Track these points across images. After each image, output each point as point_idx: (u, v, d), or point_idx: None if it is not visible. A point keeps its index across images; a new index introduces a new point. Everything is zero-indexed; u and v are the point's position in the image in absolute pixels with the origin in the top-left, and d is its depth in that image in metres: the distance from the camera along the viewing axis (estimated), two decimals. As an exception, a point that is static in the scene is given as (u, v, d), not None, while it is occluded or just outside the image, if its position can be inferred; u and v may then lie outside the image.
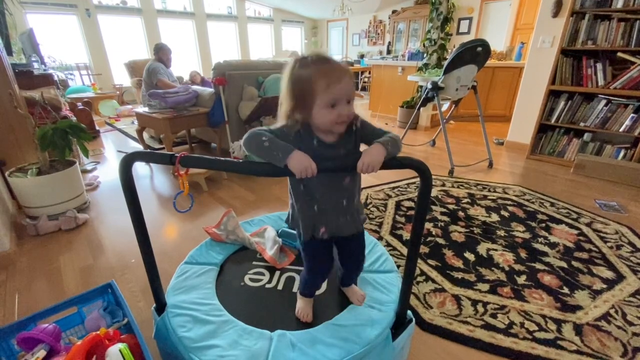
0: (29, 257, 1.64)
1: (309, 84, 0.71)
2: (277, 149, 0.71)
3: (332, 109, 0.72)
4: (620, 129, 2.57)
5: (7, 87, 2.01)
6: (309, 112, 0.74)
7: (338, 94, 0.71)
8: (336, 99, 0.72)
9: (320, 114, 0.73)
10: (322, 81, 0.70)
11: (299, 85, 0.73)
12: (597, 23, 2.56)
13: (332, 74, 0.71)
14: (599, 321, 1.20)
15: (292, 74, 0.74)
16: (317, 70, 0.71)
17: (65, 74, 5.67)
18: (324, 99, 0.72)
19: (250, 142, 0.74)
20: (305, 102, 0.73)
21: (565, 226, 1.88)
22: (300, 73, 0.73)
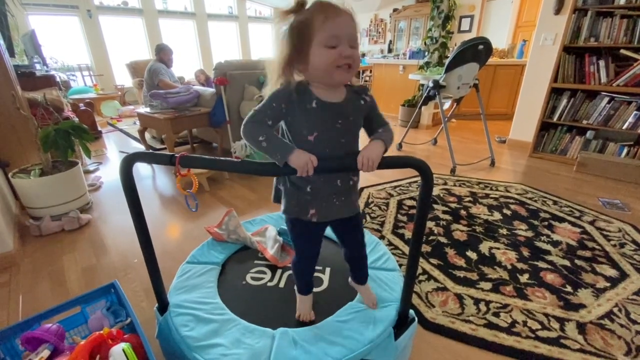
0: (32, 258, 1.65)
1: (304, 22, 0.66)
2: (275, 150, 0.70)
3: (332, 49, 0.66)
4: (623, 126, 2.56)
5: (9, 89, 2.01)
6: (306, 57, 0.68)
7: (337, 29, 0.65)
8: (336, 36, 0.65)
9: (318, 56, 0.67)
10: (319, 15, 0.65)
11: (294, 29, 0.67)
12: (600, 20, 2.54)
13: (330, 8, 0.66)
14: (603, 320, 1.20)
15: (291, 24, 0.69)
16: (314, 7, 0.66)
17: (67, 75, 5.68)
18: (321, 36, 0.65)
19: (247, 138, 0.73)
20: (301, 45, 0.67)
21: (568, 224, 1.87)
22: (298, 18, 0.68)
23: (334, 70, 0.68)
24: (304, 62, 0.69)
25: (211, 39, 7.93)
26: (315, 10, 0.66)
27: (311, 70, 0.70)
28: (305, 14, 0.67)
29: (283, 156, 0.69)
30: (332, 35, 0.65)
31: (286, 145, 0.71)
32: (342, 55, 0.66)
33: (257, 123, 0.72)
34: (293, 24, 0.68)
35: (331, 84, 0.73)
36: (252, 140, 0.72)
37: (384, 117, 0.82)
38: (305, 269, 1.00)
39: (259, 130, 0.71)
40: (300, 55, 0.69)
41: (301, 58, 0.69)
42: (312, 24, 0.66)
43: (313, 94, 0.72)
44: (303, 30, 0.67)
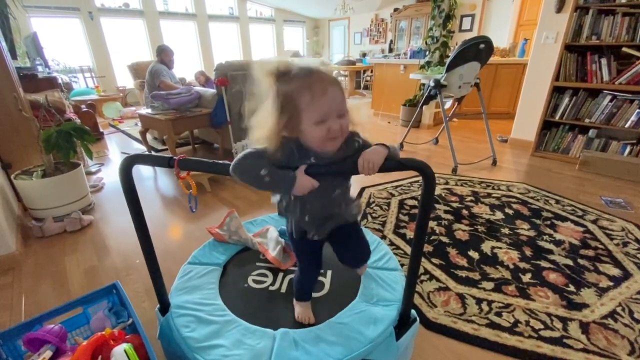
0: (34, 259, 1.65)
1: (291, 99, 0.66)
2: (279, 185, 0.70)
3: (321, 125, 0.66)
4: (626, 124, 2.54)
5: (11, 91, 2.02)
6: (298, 131, 0.69)
7: (325, 107, 0.66)
8: (324, 114, 0.66)
9: (308, 132, 0.68)
10: (306, 94, 0.65)
11: (283, 102, 0.67)
12: (601, 18, 2.53)
13: (316, 86, 0.65)
14: (606, 319, 1.19)
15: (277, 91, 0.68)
16: (300, 83, 0.66)
17: (69, 76, 5.70)
18: (310, 116, 0.66)
19: (245, 174, 0.70)
20: (291, 121, 0.68)
21: (570, 223, 1.86)
22: (283, 89, 0.67)
23: (325, 142, 0.69)
24: (296, 132, 0.70)
25: (212, 39, 7.95)
26: (301, 87, 0.65)
27: (304, 140, 0.71)
28: (291, 86, 0.66)
29: (288, 187, 0.70)
30: (320, 115, 0.66)
31: (287, 176, 0.70)
32: (331, 130, 0.67)
33: (255, 157, 0.69)
34: (280, 96, 0.67)
35: (322, 152, 0.73)
36: (251, 175, 0.69)
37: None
38: (307, 281, 1.03)
39: (259, 164, 0.68)
40: (291, 127, 0.69)
41: (293, 130, 0.69)
42: (299, 103, 0.66)
43: (310, 150, 0.72)
44: (290, 107, 0.67)
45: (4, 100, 1.99)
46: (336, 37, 9.81)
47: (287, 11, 9.19)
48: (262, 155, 0.70)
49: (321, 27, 10.08)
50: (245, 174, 0.70)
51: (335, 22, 9.57)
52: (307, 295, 1.04)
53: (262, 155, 0.70)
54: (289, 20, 9.41)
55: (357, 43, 9.21)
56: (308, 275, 1.02)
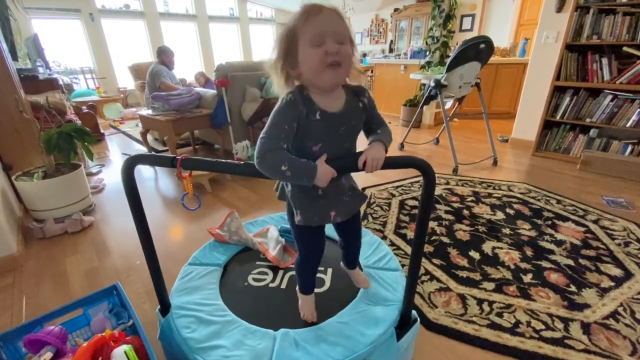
0: (36, 260, 1.66)
1: (289, 26, 0.67)
2: (301, 177, 0.69)
3: (317, 48, 0.65)
4: (627, 124, 2.53)
5: (12, 92, 2.03)
6: (295, 60, 0.68)
7: (320, 26, 0.64)
8: (319, 34, 0.64)
9: (306, 59, 0.66)
10: (302, 16, 0.65)
11: (282, 34, 0.68)
12: (602, 17, 2.52)
13: (311, 8, 0.65)
14: (607, 319, 1.19)
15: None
16: (298, 11, 0.67)
17: (70, 78, 5.72)
18: (305, 36, 0.65)
19: (268, 170, 0.70)
20: (289, 48, 0.67)
21: (572, 223, 1.86)
22: (284, 25, 0.69)
23: (323, 70, 0.66)
24: (295, 65, 0.69)
25: (212, 40, 7.96)
26: (299, 12, 0.67)
27: (303, 74, 0.69)
28: (289, 19, 0.68)
29: (309, 180, 0.69)
30: (315, 34, 0.64)
31: (308, 168, 0.69)
32: (328, 53, 0.64)
33: (274, 152, 0.69)
34: (281, 30, 0.69)
35: (324, 87, 0.71)
36: (273, 172, 0.69)
37: (382, 117, 0.83)
38: (310, 268, 1.00)
39: (279, 159, 0.68)
40: (290, 58, 0.68)
41: (291, 61, 0.69)
42: (296, 26, 0.66)
43: (315, 104, 0.71)
44: (289, 34, 0.67)
45: (4, 102, 2.00)
46: (336, 37, 9.80)
47: (288, 12, 9.18)
48: (278, 143, 0.69)
49: (321, 28, 10.07)
50: (268, 171, 0.70)
51: (335, 22, 9.56)
52: (311, 287, 1.01)
53: (277, 143, 0.69)
54: (289, 20, 9.41)
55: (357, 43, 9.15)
56: (310, 262, 0.97)
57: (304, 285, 1.02)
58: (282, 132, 0.69)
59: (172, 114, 2.87)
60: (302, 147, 0.74)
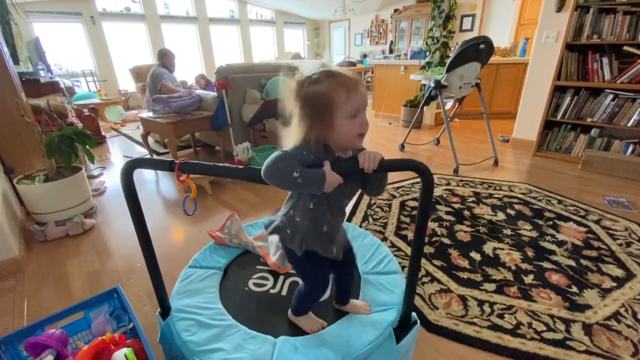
0: (37, 263, 1.66)
1: (327, 97, 0.69)
2: (311, 184, 0.69)
3: (354, 120, 0.70)
4: (628, 123, 2.53)
5: (14, 96, 2.04)
6: (329, 128, 0.71)
7: (359, 102, 0.70)
8: (358, 108, 0.70)
9: (343, 127, 0.70)
10: (342, 92, 0.68)
11: (315, 102, 0.70)
12: (602, 17, 2.52)
13: (349, 83, 0.69)
14: (609, 320, 1.18)
15: (302, 93, 0.71)
16: (333, 82, 0.69)
17: (72, 81, 5.75)
18: (346, 110, 0.69)
19: (277, 176, 0.70)
20: (324, 118, 0.70)
21: (573, 224, 1.85)
22: (315, 89, 0.70)
23: (356, 138, 0.73)
24: (327, 130, 0.71)
25: (213, 42, 7.99)
26: (335, 84, 0.69)
27: (334, 136, 0.72)
28: (322, 85, 0.69)
29: (319, 187, 0.70)
30: (354, 108, 0.70)
31: (317, 174, 0.70)
32: (363, 124, 0.71)
33: (287, 160, 0.70)
34: (311, 97, 0.70)
35: (349, 149, 0.76)
36: (283, 177, 0.70)
37: None
38: (316, 298, 1.00)
39: (291, 166, 0.69)
40: (324, 124, 0.71)
41: (325, 127, 0.71)
42: (335, 99, 0.68)
43: (333, 151, 0.75)
44: (324, 104, 0.69)
45: (6, 106, 2.01)
46: (337, 38, 9.83)
47: (288, 13, 9.21)
48: (292, 157, 0.71)
49: (322, 29, 10.10)
50: (277, 177, 0.71)
51: (335, 23, 9.58)
52: (308, 309, 1.01)
53: (291, 157, 0.71)
54: (290, 22, 9.43)
55: (357, 44, 9.22)
56: (317, 295, 0.98)
57: (302, 310, 1.00)
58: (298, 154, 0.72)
59: (173, 116, 2.88)
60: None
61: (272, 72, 3.13)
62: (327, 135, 0.72)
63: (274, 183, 0.71)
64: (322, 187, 0.70)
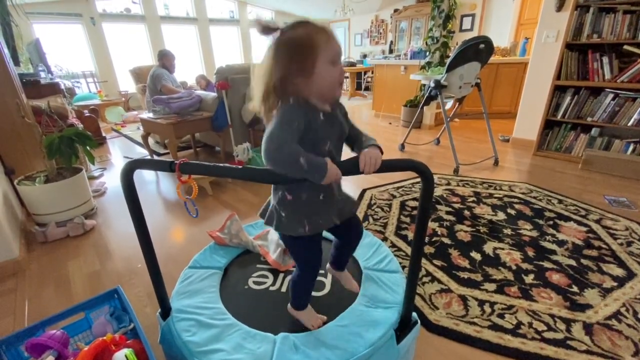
0: (38, 264, 1.66)
1: (308, 40, 0.68)
2: (313, 173, 0.68)
3: (335, 66, 0.70)
4: (628, 123, 2.52)
5: (14, 97, 2.04)
6: (311, 74, 0.69)
7: (337, 49, 0.71)
8: (337, 54, 0.71)
9: (325, 73, 0.69)
10: (323, 35, 0.68)
11: (295, 47, 0.68)
12: (602, 16, 2.52)
13: (326, 29, 0.70)
14: (610, 320, 1.18)
15: (282, 40, 0.68)
16: (310, 27, 0.69)
17: (72, 82, 5.76)
18: (328, 54, 0.69)
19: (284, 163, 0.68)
20: (305, 64, 0.68)
21: (573, 223, 1.85)
22: (293, 35, 0.68)
23: (337, 86, 0.73)
24: (306, 77, 0.69)
25: (213, 43, 7.99)
26: (315, 30, 0.69)
27: (314, 85, 0.70)
28: (302, 30, 0.69)
29: (321, 176, 0.68)
30: (335, 53, 0.70)
31: (320, 163, 0.68)
32: (341, 73, 0.72)
33: (290, 143, 0.67)
34: (289, 42, 0.68)
35: (330, 99, 0.75)
36: (289, 163, 0.67)
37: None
38: (310, 282, 0.98)
39: (296, 151, 0.66)
40: (304, 69, 0.69)
41: (305, 72, 0.69)
42: (317, 42, 0.68)
43: (317, 107, 0.73)
44: (306, 48, 0.68)
45: (6, 107, 2.02)
46: (337, 38, 9.82)
47: (288, 14, 9.22)
48: (293, 137, 0.68)
49: (322, 29, 10.09)
50: (284, 164, 0.68)
51: (335, 23, 9.58)
52: (307, 301, 1.00)
53: (292, 137, 0.68)
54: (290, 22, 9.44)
55: (357, 44, 9.22)
56: (310, 278, 0.96)
57: (301, 301, 0.99)
58: (294, 130, 0.69)
59: (173, 117, 2.88)
60: (316, 149, 0.73)
61: (272, 72, 3.13)
62: (306, 86, 0.70)
63: (279, 169, 0.69)
64: (324, 176, 0.68)
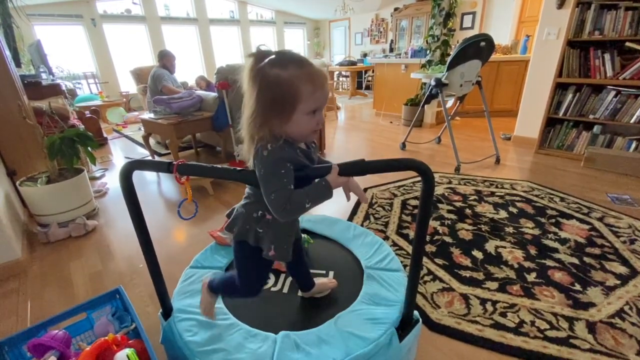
0: (40, 264, 1.67)
1: (291, 87, 0.64)
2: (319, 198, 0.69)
3: (312, 116, 0.68)
4: (631, 120, 2.51)
5: (16, 98, 2.05)
6: (288, 119, 0.67)
7: (322, 101, 0.68)
8: (319, 106, 0.68)
9: (300, 122, 0.67)
10: (309, 85, 0.64)
11: (277, 89, 0.64)
12: (604, 13, 2.50)
13: (319, 77, 0.66)
14: (613, 318, 1.17)
15: (264, 74, 0.64)
16: (301, 72, 0.64)
17: (73, 83, 5.77)
18: (308, 106, 0.66)
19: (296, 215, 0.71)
20: (284, 107, 0.66)
21: (576, 221, 1.84)
22: (279, 74, 0.63)
23: (312, 133, 0.72)
24: (285, 120, 0.68)
25: (213, 43, 8.00)
26: (302, 75, 0.64)
27: (287, 128, 0.69)
28: (289, 72, 0.64)
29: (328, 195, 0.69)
30: (318, 105, 0.68)
31: (323, 188, 0.69)
32: (319, 121, 0.70)
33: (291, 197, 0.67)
34: (273, 81, 0.64)
35: (302, 142, 0.76)
36: (299, 213, 0.70)
37: None
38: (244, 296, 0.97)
39: (300, 199, 0.67)
40: (282, 114, 0.67)
41: (283, 117, 0.67)
42: (299, 92, 0.64)
43: (295, 144, 0.73)
44: (288, 94, 0.64)
45: (8, 108, 2.02)
46: (337, 38, 9.82)
47: (288, 13, 9.21)
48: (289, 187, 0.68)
49: (322, 28, 10.09)
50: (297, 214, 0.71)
51: (335, 23, 9.57)
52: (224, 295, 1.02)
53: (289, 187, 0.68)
54: (290, 22, 9.43)
55: (358, 43, 9.21)
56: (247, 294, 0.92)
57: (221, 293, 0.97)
58: (286, 177, 0.68)
59: (174, 117, 2.88)
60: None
61: (273, 72, 3.13)
62: (280, 128, 0.68)
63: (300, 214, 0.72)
64: (331, 195, 0.69)
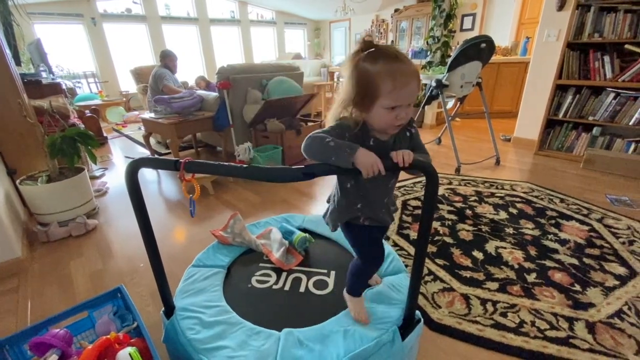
0: (40, 263, 1.67)
1: (373, 82, 0.68)
2: (343, 147, 0.70)
3: (391, 111, 0.70)
4: (630, 122, 2.52)
5: (16, 97, 2.04)
6: (368, 110, 0.72)
7: (402, 98, 0.69)
8: (399, 102, 0.69)
9: (378, 114, 0.71)
10: (388, 83, 0.67)
11: (362, 80, 0.70)
12: (603, 15, 2.52)
13: (401, 77, 0.68)
14: (612, 318, 1.18)
15: (357, 64, 0.70)
16: (386, 68, 0.68)
17: (73, 82, 5.76)
18: (386, 101, 0.69)
19: (312, 144, 0.73)
20: (365, 99, 0.71)
21: (575, 222, 1.85)
22: (367, 68, 0.69)
23: (390, 127, 0.74)
24: (365, 110, 0.73)
25: (214, 43, 8.00)
26: (386, 73, 0.68)
27: (368, 118, 0.74)
28: (375, 67, 0.68)
29: (352, 152, 0.69)
30: (398, 102, 0.69)
31: (352, 144, 0.71)
32: (399, 117, 0.71)
33: (325, 134, 0.73)
34: (361, 73, 0.70)
35: (382, 133, 0.78)
36: (318, 143, 0.72)
37: (424, 147, 0.85)
38: (370, 274, 1.02)
39: (327, 137, 0.72)
40: (363, 104, 0.72)
41: (363, 107, 0.72)
42: (379, 87, 0.68)
43: (370, 133, 0.77)
44: (369, 87, 0.69)
45: (8, 107, 2.02)
46: (337, 38, 9.82)
47: (288, 13, 9.22)
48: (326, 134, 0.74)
49: (322, 29, 10.10)
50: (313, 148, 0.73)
51: (336, 23, 9.58)
52: (359, 290, 1.02)
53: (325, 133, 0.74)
54: (290, 22, 9.44)
55: (358, 44, 9.21)
56: (372, 270, 1.01)
57: (358, 288, 1.01)
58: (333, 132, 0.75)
59: (175, 117, 2.89)
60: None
61: (273, 72, 3.13)
62: (360, 115, 0.74)
63: (311, 154, 0.74)
64: (352, 156, 0.69)
